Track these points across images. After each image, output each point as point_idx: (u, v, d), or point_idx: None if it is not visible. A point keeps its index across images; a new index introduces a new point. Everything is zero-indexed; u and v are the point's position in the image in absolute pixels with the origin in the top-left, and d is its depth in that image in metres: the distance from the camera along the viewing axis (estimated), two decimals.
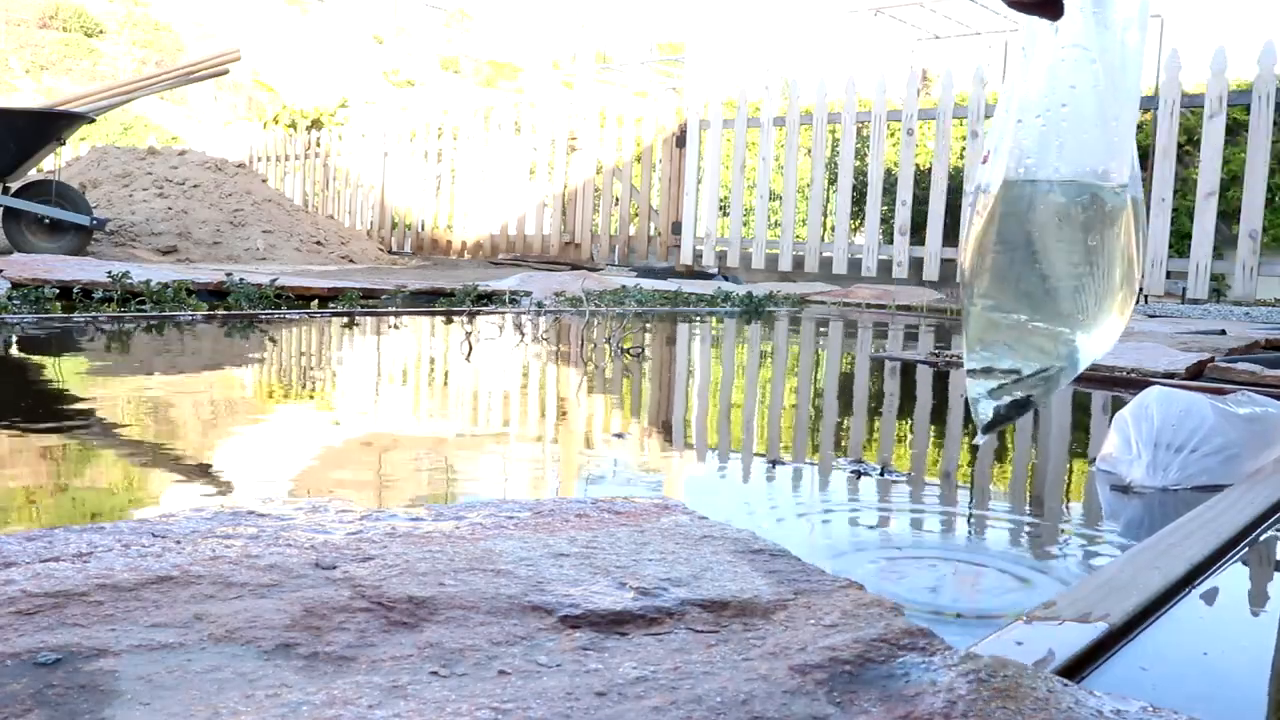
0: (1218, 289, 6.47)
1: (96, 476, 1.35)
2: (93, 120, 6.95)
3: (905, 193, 6.99)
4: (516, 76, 28.06)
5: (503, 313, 4.23)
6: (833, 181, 7.87)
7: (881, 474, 1.50)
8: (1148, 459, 1.45)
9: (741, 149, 7.90)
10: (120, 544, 0.82)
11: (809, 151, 7.59)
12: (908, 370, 2.89)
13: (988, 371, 0.90)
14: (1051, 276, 0.85)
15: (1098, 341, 0.88)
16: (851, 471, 1.53)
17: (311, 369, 2.64)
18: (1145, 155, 6.78)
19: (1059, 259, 0.85)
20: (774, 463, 1.60)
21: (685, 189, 8.22)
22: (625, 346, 3.09)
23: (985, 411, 0.91)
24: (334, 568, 0.80)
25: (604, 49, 25.12)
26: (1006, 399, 0.90)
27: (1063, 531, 1.29)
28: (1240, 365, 2.60)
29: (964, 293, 0.89)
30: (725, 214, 8.67)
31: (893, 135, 8.57)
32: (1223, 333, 3.99)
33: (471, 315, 3.86)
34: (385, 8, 29.44)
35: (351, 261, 8.24)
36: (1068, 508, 1.44)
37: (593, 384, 2.43)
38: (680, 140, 8.37)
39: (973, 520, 1.31)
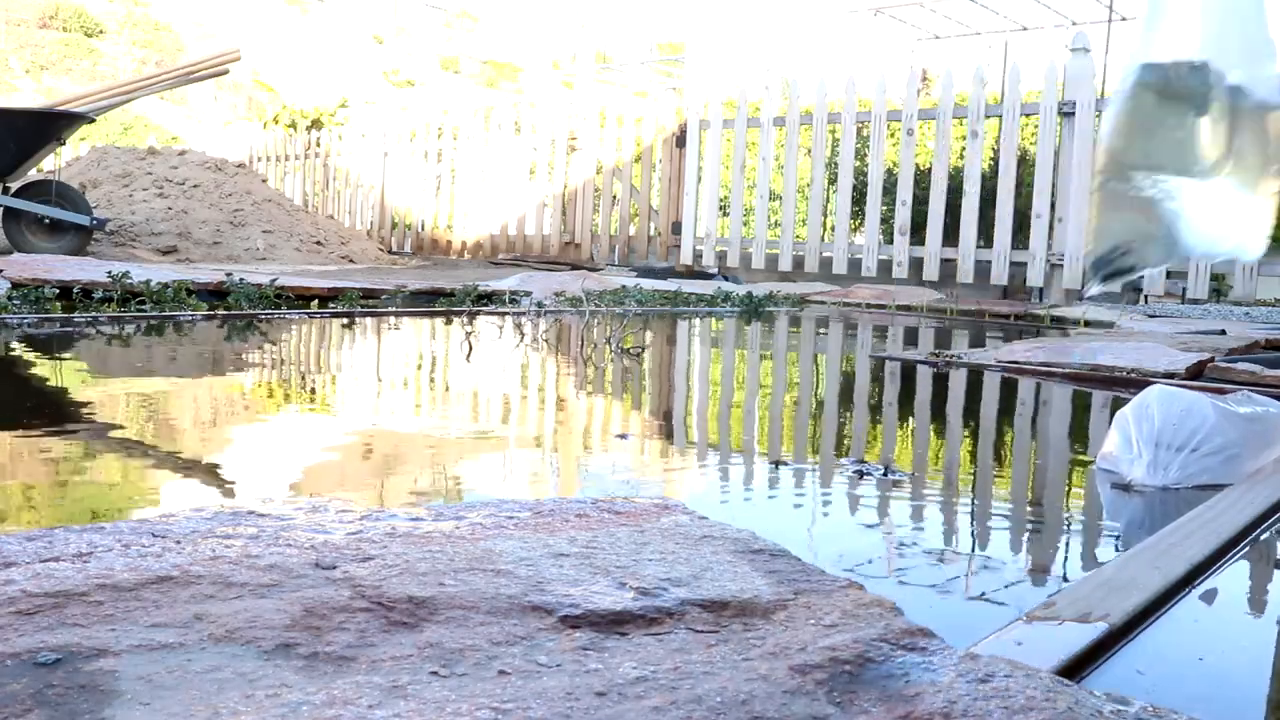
0: (1218, 289, 6.46)
1: (97, 476, 1.35)
2: (93, 120, 6.95)
3: (905, 193, 6.99)
4: (516, 76, 28.06)
5: (503, 313, 4.23)
6: (833, 181, 7.86)
7: (885, 474, 1.50)
8: (1148, 458, 1.45)
9: (741, 149, 7.90)
10: (120, 544, 0.82)
11: (809, 151, 7.59)
12: (908, 371, 2.89)
13: (1105, 235, 1.01)
14: (1161, 150, 0.97)
15: (1213, 218, 0.97)
16: (854, 472, 1.53)
17: (311, 369, 2.64)
18: None
19: (1170, 135, 0.97)
20: (775, 463, 1.60)
21: (685, 189, 8.22)
22: (625, 346, 3.09)
23: (1097, 269, 1.02)
24: (334, 568, 0.80)
25: (604, 49, 25.11)
26: (1117, 264, 1.01)
27: (1063, 530, 1.29)
28: (1240, 365, 2.60)
29: (1092, 180, 1.01)
30: (725, 214, 8.67)
31: (893, 135, 8.56)
32: (1223, 333, 3.99)
33: (471, 315, 3.86)
34: (385, 8, 29.43)
35: (351, 261, 8.24)
36: (1068, 506, 1.44)
37: (593, 384, 2.43)
38: (680, 140, 8.36)
39: (974, 519, 1.31)
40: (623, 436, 1.78)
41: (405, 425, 1.86)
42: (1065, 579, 1.07)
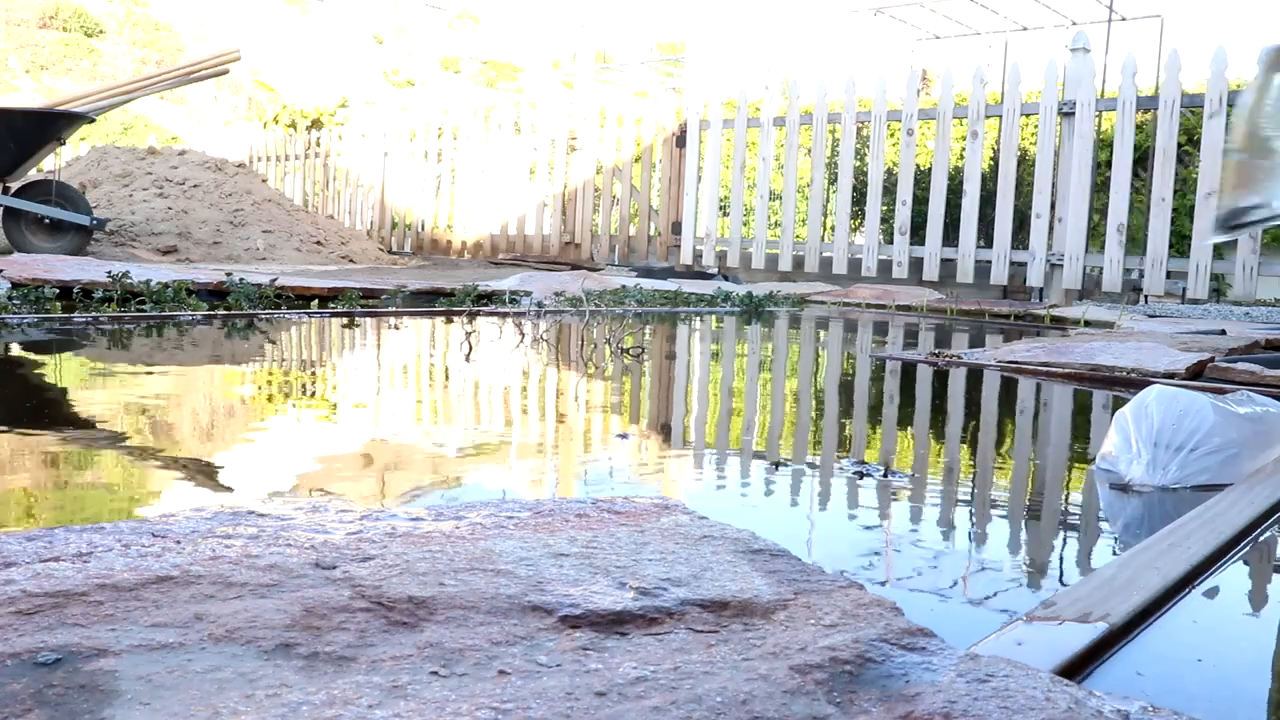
0: (1218, 289, 6.46)
1: (97, 476, 1.35)
2: (93, 120, 6.95)
3: (905, 193, 6.99)
4: (516, 76, 28.05)
5: (503, 313, 4.23)
6: (833, 181, 7.86)
7: (885, 475, 1.50)
8: (1148, 458, 1.45)
9: (741, 149, 7.90)
10: (120, 544, 0.82)
11: (809, 151, 7.59)
12: (908, 370, 2.89)
13: (1242, 195, 1.15)
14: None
15: None
16: (854, 472, 1.53)
17: (312, 370, 2.64)
18: (1145, 155, 6.78)
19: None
20: (775, 463, 1.60)
21: (685, 189, 8.22)
22: (625, 346, 3.09)
23: (1227, 220, 1.17)
24: (334, 568, 0.80)
25: (604, 49, 25.11)
26: (1248, 217, 1.16)
27: (1062, 530, 1.29)
28: (1240, 365, 2.60)
29: (1227, 153, 1.15)
30: (725, 214, 8.66)
31: (893, 135, 8.55)
32: (1223, 333, 3.99)
33: (471, 315, 3.86)
34: (385, 8, 29.43)
35: (351, 261, 8.24)
36: (1068, 506, 1.44)
37: (593, 384, 2.43)
38: (680, 140, 8.36)
39: (974, 519, 1.31)
40: (623, 436, 1.79)
41: (405, 425, 1.86)
42: (1065, 579, 1.07)
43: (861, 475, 1.50)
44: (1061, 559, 1.16)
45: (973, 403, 2.42)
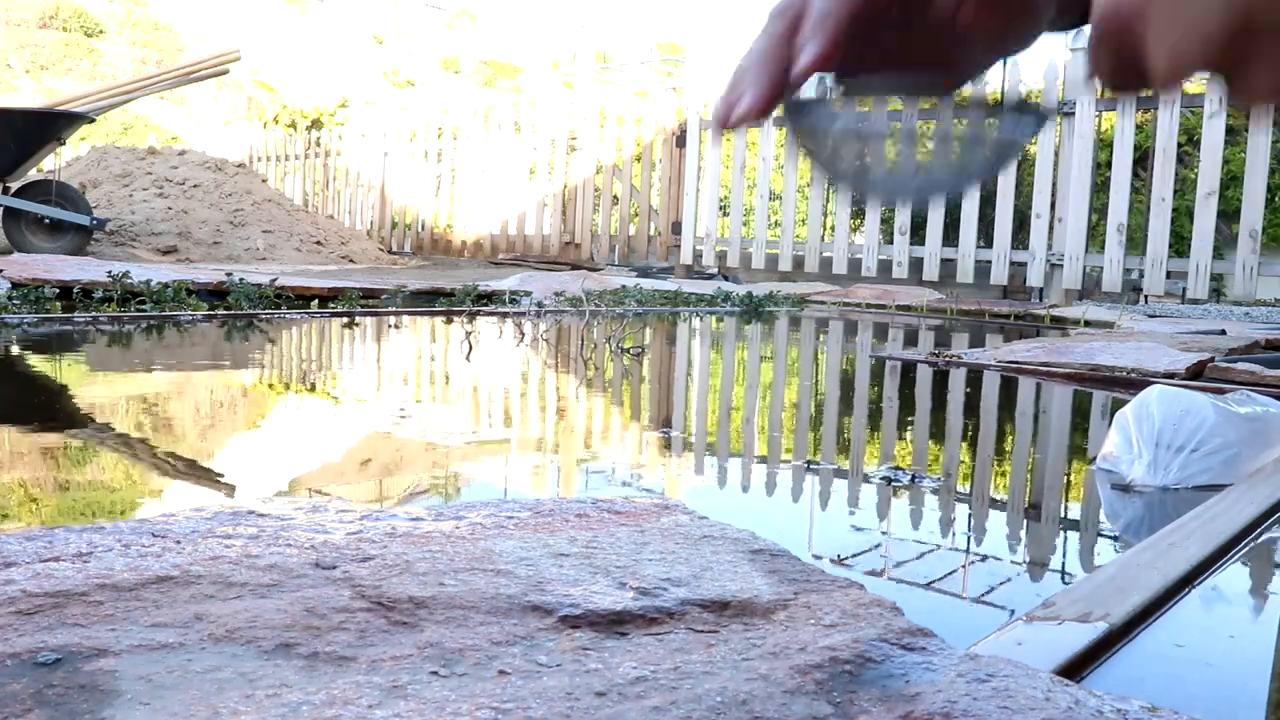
0: (1218, 289, 6.46)
1: (97, 476, 1.35)
2: (93, 120, 6.95)
3: None
4: (516, 76, 28.06)
5: (503, 313, 4.23)
6: None
7: (883, 474, 1.50)
8: (1148, 458, 1.45)
9: (741, 149, 7.90)
10: (120, 544, 0.82)
11: None
12: (908, 370, 2.89)
13: None
14: None
15: None
16: (853, 471, 1.53)
17: (312, 370, 2.64)
18: (1145, 155, 6.78)
19: None
20: (774, 463, 1.60)
21: (685, 189, 8.22)
22: (625, 346, 3.09)
23: None
24: (334, 568, 0.80)
25: (604, 49, 25.11)
26: None
27: (1063, 530, 1.29)
28: (1240, 365, 2.59)
29: None
30: (725, 214, 8.66)
31: None
32: (1223, 333, 3.98)
33: (472, 315, 3.86)
34: (385, 8, 29.43)
35: (351, 261, 8.24)
36: (1068, 507, 1.44)
37: (593, 384, 2.43)
38: (680, 140, 8.36)
39: (973, 519, 1.31)
40: (622, 436, 1.79)
41: (405, 425, 1.86)
42: (1065, 579, 1.07)
43: (861, 475, 1.50)
44: (1063, 559, 1.16)
45: (972, 403, 2.42)
